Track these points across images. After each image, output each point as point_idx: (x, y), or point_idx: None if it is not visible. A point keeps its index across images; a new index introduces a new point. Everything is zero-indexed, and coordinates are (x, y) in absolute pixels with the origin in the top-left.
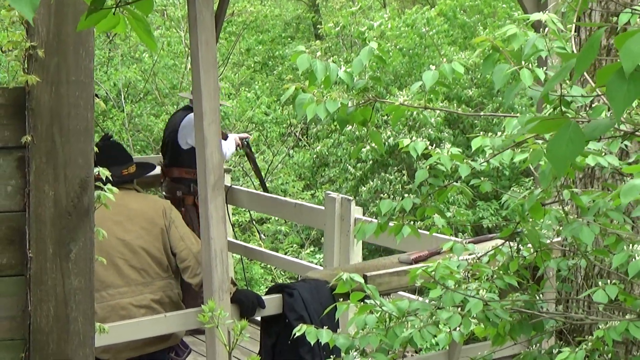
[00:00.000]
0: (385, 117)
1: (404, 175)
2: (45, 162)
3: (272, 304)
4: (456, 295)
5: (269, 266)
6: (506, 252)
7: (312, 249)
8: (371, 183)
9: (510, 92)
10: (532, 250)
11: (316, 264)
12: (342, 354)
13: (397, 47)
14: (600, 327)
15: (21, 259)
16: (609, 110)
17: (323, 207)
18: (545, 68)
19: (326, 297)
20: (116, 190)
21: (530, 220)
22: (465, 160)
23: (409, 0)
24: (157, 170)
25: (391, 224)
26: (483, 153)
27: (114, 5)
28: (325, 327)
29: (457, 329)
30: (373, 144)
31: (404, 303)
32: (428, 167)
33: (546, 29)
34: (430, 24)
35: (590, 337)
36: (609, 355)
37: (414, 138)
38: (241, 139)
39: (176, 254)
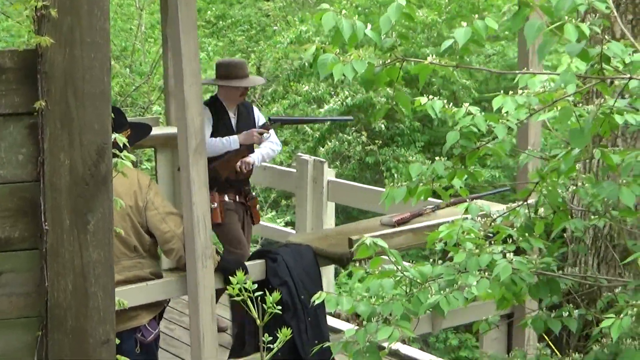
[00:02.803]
0: (343, 76)
1: (362, 135)
2: (60, 128)
3: (255, 270)
4: (482, 259)
5: None
6: (523, 213)
7: (272, 212)
8: (329, 144)
9: (543, 49)
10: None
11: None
12: (364, 321)
13: (354, 5)
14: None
15: (34, 232)
16: None
17: (294, 170)
18: (588, 23)
19: (309, 262)
20: (133, 158)
21: (549, 180)
22: (500, 120)
23: None
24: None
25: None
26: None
27: None
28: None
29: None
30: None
31: (426, 268)
32: (459, 128)
33: None
34: None
35: (635, 302)
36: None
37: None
38: (263, 127)
39: (158, 236)
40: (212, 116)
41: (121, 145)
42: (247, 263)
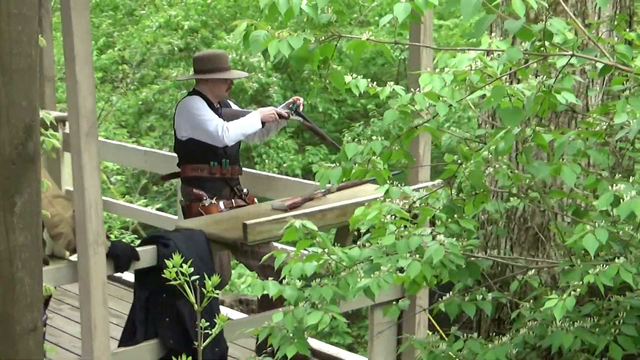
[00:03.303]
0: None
1: None
2: None
3: (147, 256)
4: (412, 241)
5: (106, 214)
6: (446, 194)
7: (142, 198)
8: None
9: (480, 26)
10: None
11: None
12: (292, 306)
13: None
14: (590, 272)
15: None
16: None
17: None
18: None
19: (202, 247)
20: (60, 137)
21: (473, 161)
22: (441, 99)
23: None
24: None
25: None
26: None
27: None
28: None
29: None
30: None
31: (354, 251)
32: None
33: None
34: None
35: (579, 282)
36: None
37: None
38: (290, 106)
39: (45, 220)
40: None
41: (48, 123)
42: (138, 249)
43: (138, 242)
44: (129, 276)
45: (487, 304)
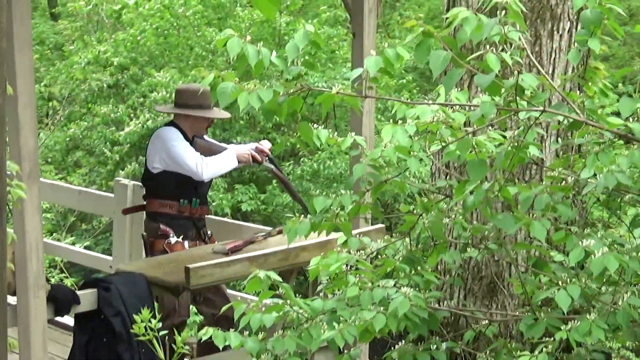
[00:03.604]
0: (142, 99)
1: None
2: None
3: (87, 300)
4: (375, 293)
5: None
6: (405, 245)
7: (70, 236)
8: (129, 167)
9: (450, 80)
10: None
11: None
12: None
13: (153, 26)
14: (561, 328)
15: None
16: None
17: (112, 195)
18: (509, 52)
19: (143, 291)
20: (25, 187)
21: (434, 212)
22: (412, 153)
23: None
24: None
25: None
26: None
27: None
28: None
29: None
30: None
31: (317, 302)
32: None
33: (502, 13)
34: (187, 5)
35: (549, 339)
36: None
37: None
38: (260, 150)
39: None
40: None
41: (14, 173)
42: (79, 292)
43: (68, 281)
44: (67, 319)
45: (441, 354)
